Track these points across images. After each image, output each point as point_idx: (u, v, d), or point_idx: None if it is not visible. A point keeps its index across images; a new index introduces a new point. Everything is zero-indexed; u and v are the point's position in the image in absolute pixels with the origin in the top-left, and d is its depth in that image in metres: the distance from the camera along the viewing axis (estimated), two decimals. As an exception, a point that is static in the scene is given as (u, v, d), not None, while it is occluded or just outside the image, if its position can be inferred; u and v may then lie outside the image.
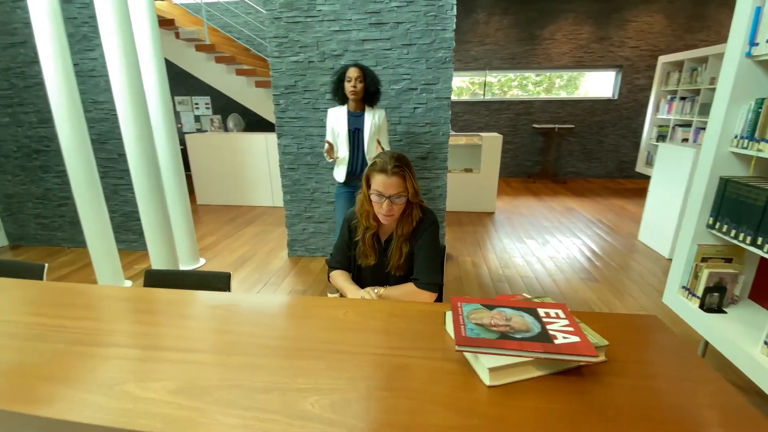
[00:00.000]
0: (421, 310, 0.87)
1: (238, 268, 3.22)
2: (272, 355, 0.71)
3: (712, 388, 0.62)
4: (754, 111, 1.62)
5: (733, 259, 1.88)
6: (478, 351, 0.62)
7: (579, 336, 0.65)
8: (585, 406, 0.58)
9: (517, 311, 0.73)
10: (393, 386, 0.62)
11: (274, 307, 0.96)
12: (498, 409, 0.58)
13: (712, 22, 5.70)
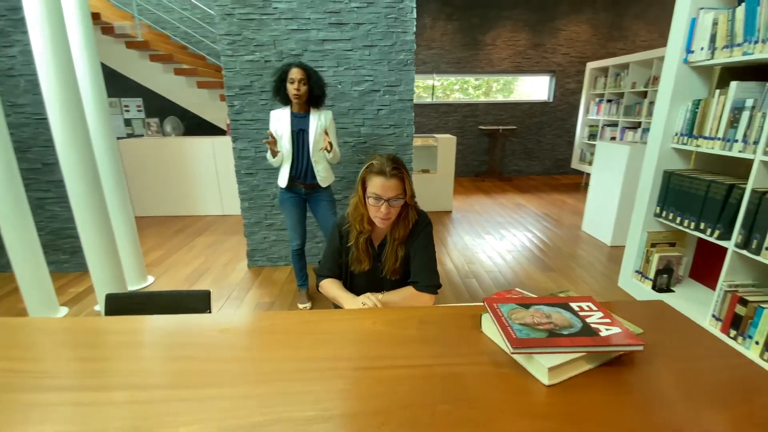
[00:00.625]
0: (449, 315, 0.84)
1: (193, 283, 2.96)
2: (309, 379, 0.64)
3: (736, 362, 0.67)
4: (692, 111, 1.82)
5: (677, 243, 2.11)
6: (535, 351, 0.62)
7: (619, 326, 0.67)
8: (640, 392, 0.60)
9: (552, 308, 0.74)
10: (452, 398, 0.59)
11: (284, 326, 0.85)
12: (563, 407, 0.57)
13: (629, 32, 6.40)
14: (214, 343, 0.78)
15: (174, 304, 1.31)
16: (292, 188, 2.34)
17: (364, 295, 1.24)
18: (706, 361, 0.68)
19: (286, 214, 2.43)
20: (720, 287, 1.68)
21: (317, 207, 2.45)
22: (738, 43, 1.57)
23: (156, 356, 0.76)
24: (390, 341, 0.74)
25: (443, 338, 0.75)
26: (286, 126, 2.22)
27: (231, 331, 0.85)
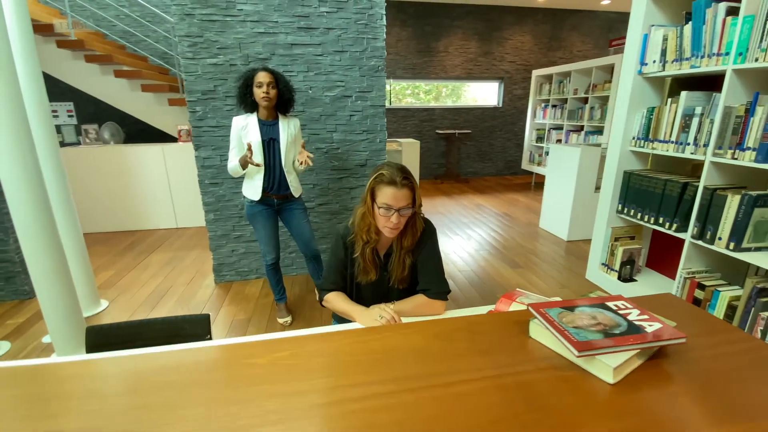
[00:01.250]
0: (495, 323, 0.85)
1: (154, 305, 2.72)
2: (387, 407, 0.60)
3: (750, 345, 0.75)
4: (647, 117, 2.02)
5: (635, 237, 2.33)
6: (599, 353, 0.64)
7: (658, 322, 0.73)
8: (688, 381, 0.65)
9: (594, 309, 0.77)
10: (533, 407, 0.60)
11: (325, 349, 0.77)
12: (633, 403, 0.60)
13: (567, 42, 6.95)
14: (251, 376, 0.71)
15: (167, 332, 1.20)
16: (264, 200, 2.22)
17: (378, 308, 1.21)
18: (727, 346, 0.75)
19: (258, 228, 2.30)
20: (680, 274, 1.88)
21: (291, 218, 2.37)
22: (686, 57, 1.78)
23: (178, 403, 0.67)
24: (448, 355, 0.73)
25: (497, 347, 0.75)
26: (256, 135, 2.09)
27: (264, 361, 0.77)
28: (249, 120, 2.11)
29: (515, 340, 0.77)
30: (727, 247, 1.65)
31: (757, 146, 1.50)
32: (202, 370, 0.73)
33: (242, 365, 0.73)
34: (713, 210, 1.70)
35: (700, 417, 0.58)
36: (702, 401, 0.61)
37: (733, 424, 0.57)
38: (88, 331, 1.14)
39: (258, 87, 2.01)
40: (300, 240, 2.43)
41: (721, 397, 0.62)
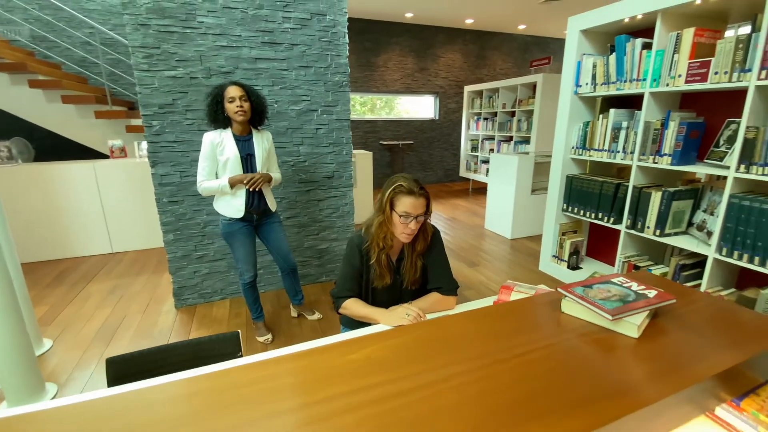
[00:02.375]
0: (528, 305, 1.01)
1: (110, 339, 2.46)
2: (476, 380, 0.70)
3: (708, 301, 1.01)
4: (583, 130, 2.40)
5: (577, 231, 2.72)
6: (626, 315, 0.83)
7: (654, 289, 0.94)
8: (683, 330, 0.86)
9: (605, 285, 0.97)
10: (583, 365, 0.75)
11: (381, 351, 0.83)
12: (655, 350, 0.79)
13: (490, 61, 7.70)
14: (345, 372, 0.76)
15: (195, 355, 1.16)
16: (244, 217, 2.18)
17: (402, 307, 1.31)
18: (695, 304, 1.00)
19: (238, 246, 2.23)
20: (619, 259, 2.26)
21: (269, 232, 2.35)
22: (612, 81, 2.18)
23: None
24: (501, 333, 0.86)
25: (540, 323, 0.91)
26: (234, 151, 2.05)
27: (342, 362, 0.82)
28: (224, 136, 2.07)
29: (552, 316, 0.94)
30: (654, 234, 2.04)
31: (672, 152, 1.91)
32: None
33: (268, 383, 0.75)
34: (641, 204, 2.09)
35: (703, 352, 0.78)
36: (699, 341, 0.82)
37: (728, 351, 0.78)
38: (108, 363, 1.07)
39: (230, 102, 1.98)
40: (278, 254, 2.41)
41: (710, 336, 0.84)
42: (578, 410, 0.63)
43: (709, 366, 0.75)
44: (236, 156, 2.08)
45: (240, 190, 2.12)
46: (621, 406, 0.64)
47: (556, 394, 0.67)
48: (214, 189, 2.07)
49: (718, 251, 1.75)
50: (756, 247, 1.60)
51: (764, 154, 1.56)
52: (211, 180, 2.10)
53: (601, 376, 0.72)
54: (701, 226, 1.94)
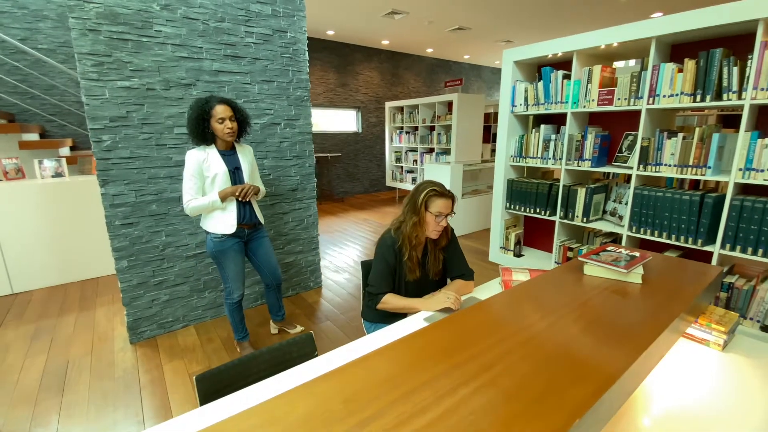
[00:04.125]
0: (556, 275, 1.31)
1: (62, 387, 2.12)
2: (550, 334, 0.95)
3: (660, 258, 1.45)
4: (519, 142, 2.93)
5: (516, 224, 3.25)
6: (634, 268, 1.19)
7: (635, 252, 1.34)
8: (661, 273, 1.26)
9: (608, 252, 1.34)
10: (626, 306, 1.08)
11: (454, 327, 0.98)
12: (654, 289, 1.15)
13: (404, 79, 8.35)
14: (435, 352, 0.91)
15: (276, 361, 1.20)
16: (236, 233, 2.13)
17: (441, 293, 1.52)
18: (657, 259, 1.43)
19: (228, 264, 2.16)
20: (556, 244, 2.81)
21: (259, 246, 2.33)
22: (541, 102, 2.73)
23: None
24: (551, 295, 1.14)
25: (574, 284, 1.21)
26: (221, 166, 2.03)
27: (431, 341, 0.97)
28: (209, 152, 2.03)
29: (577, 278, 1.26)
30: (581, 221, 2.61)
31: (591, 158, 2.50)
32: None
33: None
34: (570, 199, 2.66)
35: (676, 289, 1.18)
36: (672, 283, 1.22)
37: (690, 287, 1.18)
38: (198, 380, 1.05)
39: (219, 123, 1.97)
40: (267, 268, 2.38)
41: (676, 280, 1.25)
42: (624, 340, 0.92)
43: (683, 299, 1.13)
44: (224, 171, 2.05)
45: (231, 204, 2.08)
46: (651, 331, 0.95)
47: (607, 328, 0.96)
48: (204, 206, 2.01)
49: (629, 230, 2.37)
50: (654, 224, 2.23)
51: (654, 156, 2.19)
52: (199, 197, 2.02)
53: (629, 313, 1.03)
54: (613, 213, 2.57)
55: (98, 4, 2.14)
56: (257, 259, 2.35)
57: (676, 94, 2.05)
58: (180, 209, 2.59)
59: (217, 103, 1.98)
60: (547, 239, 3.05)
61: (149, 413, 1.92)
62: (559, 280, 1.27)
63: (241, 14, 2.62)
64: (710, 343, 1.23)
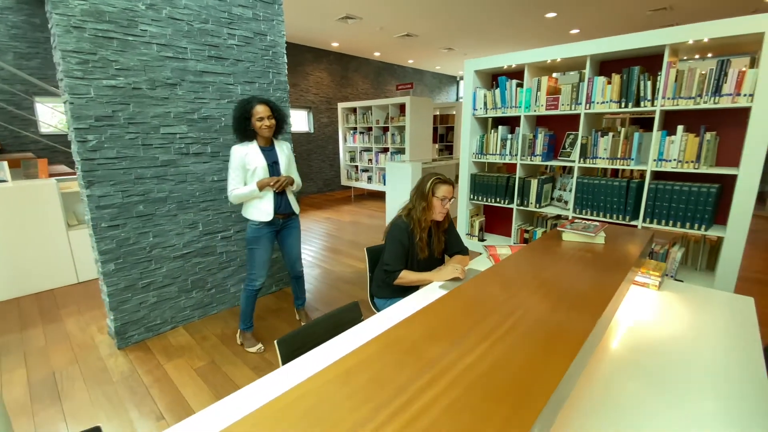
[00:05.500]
0: (542, 242, 1.67)
1: (58, 395, 2.04)
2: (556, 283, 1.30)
3: (611, 227, 1.90)
4: (480, 141, 3.35)
5: (479, 213, 3.69)
6: (600, 232, 1.59)
7: (595, 222, 1.75)
8: (616, 236, 1.68)
9: (576, 222, 1.73)
10: (589, 262, 1.45)
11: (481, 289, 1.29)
12: (614, 246, 1.57)
13: (353, 81, 8.57)
14: (459, 316, 1.22)
15: (332, 325, 1.40)
16: (271, 222, 2.32)
17: (449, 265, 1.81)
18: (608, 227, 1.87)
19: (259, 250, 2.34)
20: (514, 228, 3.27)
21: (288, 235, 2.50)
22: (499, 107, 3.16)
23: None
24: (545, 255, 1.49)
25: (558, 248, 1.58)
26: (261, 160, 2.23)
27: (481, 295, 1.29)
28: (249, 148, 2.23)
29: (559, 244, 1.63)
30: (534, 207, 3.09)
31: (541, 154, 2.97)
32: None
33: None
34: (525, 189, 3.12)
35: (625, 249, 1.60)
36: (622, 244, 1.65)
37: (633, 246, 1.61)
38: (279, 343, 1.22)
39: (259, 121, 2.16)
40: (288, 258, 2.55)
41: (624, 241, 1.68)
42: (602, 281, 1.31)
43: (634, 253, 1.55)
44: (264, 165, 2.23)
45: (268, 194, 2.26)
46: (617, 276, 1.34)
47: (587, 276, 1.34)
48: (245, 194, 2.22)
49: (574, 212, 2.88)
50: (593, 206, 2.75)
51: (591, 151, 2.71)
52: (241, 187, 2.22)
53: (599, 265, 1.41)
54: (559, 199, 3.09)
55: (83, 1, 2.09)
56: (284, 248, 2.53)
57: (606, 101, 2.58)
58: (167, 209, 2.58)
59: (257, 104, 2.18)
60: (505, 224, 3.52)
61: (166, 409, 1.96)
62: (546, 246, 1.64)
63: (224, 16, 2.68)
64: (650, 285, 1.68)
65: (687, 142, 2.29)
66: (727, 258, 2.20)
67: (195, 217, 2.72)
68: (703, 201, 2.26)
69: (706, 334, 1.33)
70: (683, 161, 2.32)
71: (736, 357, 1.19)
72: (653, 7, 5.37)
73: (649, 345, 1.27)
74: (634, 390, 1.05)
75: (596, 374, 1.12)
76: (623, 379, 1.10)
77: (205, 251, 2.81)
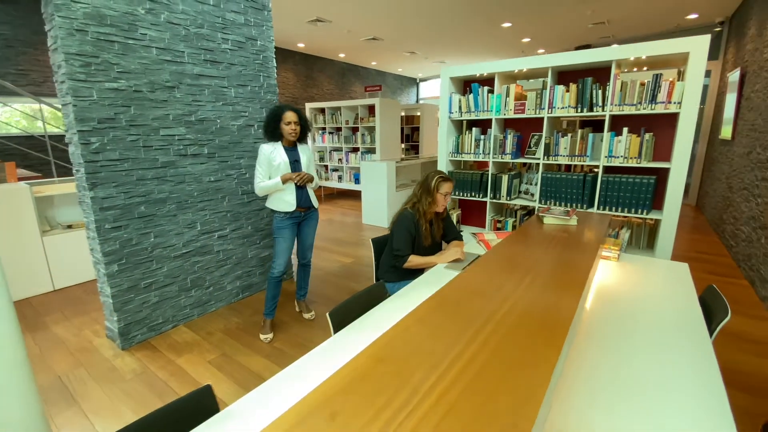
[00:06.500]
0: (525, 228, 1.99)
1: (70, 397, 2.07)
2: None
3: (579, 213, 2.29)
4: (455, 141, 3.68)
5: (455, 207, 4.03)
6: (572, 217, 1.95)
7: (568, 209, 2.11)
8: (586, 218, 2.07)
9: (555, 209, 2.08)
10: (565, 241, 1.80)
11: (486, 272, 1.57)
12: (585, 227, 1.94)
13: (318, 81, 8.67)
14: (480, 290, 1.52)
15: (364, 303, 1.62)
16: (292, 214, 2.54)
17: (451, 249, 2.09)
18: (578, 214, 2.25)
19: (283, 239, 2.56)
20: (488, 219, 3.64)
21: (308, 225, 2.72)
22: (473, 110, 3.50)
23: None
24: (535, 236, 1.82)
25: (539, 231, 1.91)
26: (285, 158, 2.47)
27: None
28: (276, 147, 2.48)
29: (540, 227, 1.97)
30: (505, 200, 3.47)
31: (510, 152, 3.36)
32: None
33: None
34: (496, 184, 3.50)
35: (591, 228, 1.97)
36: (590, 225, 2.02)
37: (598, 228, 1.99)
38: (331, 314, 1.43)
39: (287, 124, 2.43)
40: (303, 245, 2.75)
41: (593, 224, 2.06)
42: (584, 254, 1.66)
43: (599, 232, 1.93)
44: (287, 161, 2.47)
45: (290, 188, 2.49)
46: (594, 250, 1.70)
47: (568, 251, 1.69)
48: (270, 187, 2.47)
49: (539, 202, 3.29)
50: (556, 197, 3.18)
51: (554, 150, 3.14)
52: (266, 180, 2.46)
53: (575, 243, 1.77)
54: (526, 192, 3.50)
55: (85, 4, 2.12)
56: (300, 236, 2.72)
57: (565, 106, 3.00)
58: (167, 210, 2.63)
59: (288, 110, 2.47)
60: (479, 216, 3.89)
61: (190, 397, 2.05)
62: (532, 228, 1.97)
63: (218, 21, 2.77)
64: (611, 258, 2.07)
65: (631, 141, 2.76)
66: (663, 237, 2.69)
67: (193, 216, 2.78)
68: (644, 190, 2.74)
69: (657, 289, 1.73)
70: (628, 157, 2.79)
71: (681, 304, 1.58)
72: (593, 20, 6.07)
73: (616, 300, 1.63)
74: (608, 333, 1.39)
75: (580, 328, 1.45)
76: (601, 325, 1.44)
77: (203, 250, 2.88)
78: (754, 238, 3.45)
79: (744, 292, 3.27)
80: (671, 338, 1.32)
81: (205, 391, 1.04)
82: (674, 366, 1.16)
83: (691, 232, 5.02)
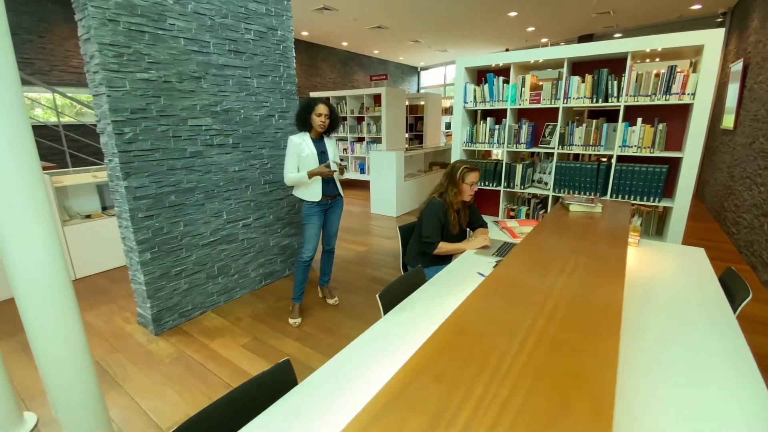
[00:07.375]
0: (553, 215, 2.08)
1: (112, 382, 2.15)
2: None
3: (608, 201, 2.39)
4: (470, 131, 3.75)
5: (467, 196, 4.11)
6: (596, 203, 2.04)
7: (591, 196, 2.20)
8: (612, 206, 2.16)
9: (577, 196, 2.17)
10: (590, 227, 1.90)
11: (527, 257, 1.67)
12: (611, 213, 2.03)
13: (320, 70, 8.62)
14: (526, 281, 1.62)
15: (407, 285, 1.71)
16: (320, 202, 2.62)
17: (482, 237, 2.18)
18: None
19: (311, 225, 2.65)
20: (502, 208, 3.73)
21: (333, 213, 2.80)
22: (488, 100, 3.56)
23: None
24: (565, 224, 1.91)
25: (568, 217, 2.00)
26: (312, 149, 2.55)
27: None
28: (304, 138, 2.55)
29: (567, 214, 2.06)
30: (519, 189, 3.56)
31: (525, 142, 3.43)
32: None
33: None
34: (511, 173, 3.58)
35: (618, 211, 2.07)
36: (613, 213, 2.12)
37: (621, 215, 2.09)
38: (380, 296, 1.51)
39: (318, 116, 2.49)
40: (328, 232, 2.84)
41: (614, 210, 2.15)
42: (611, 240, 1.75)
43: (624, 218, 2.02)
44: (314, 153, 2.54)
45: (316, 179, 2.57)
46: (623, 240, 1.80)
47: (601, 239, 1.78)
48: (298, 178, 2.55)
49: (553, 191, 3.39)
50: (570, 186, 3.27)
51: (568, 140, 3.22)
52: (295, 172, 2.54)
53: (604, 230, 1.87)
54: (540, 181, 3.59)
55: (118, -6, 2.13)
56: (326, 223, 2.80)
57: (580, 97, 3.08)
58: (195, 199, 2.68)
59: (320, 103, 2.51)
60: (493, 205, 3.98)
61: (230, 378, 2.14)
62: (560, 215, 2.06)
63: (242, 12, 2.78)
64: (632, 244, 2.17)
65: (644, 131, 2.85)
66: (674, 223, 2.80)
67: (219, 206, 2.83)
68: (657, 179, 2.84)
69: (679, 273, 1.83)
70: (642, 147, 2.88)
71: (703, 286, 1.68)
72: (599, 10, 6.11)
73: (641, 284, 1.74)
74: (638, 316, 1.49)
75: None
76: (629, 307, 1.54)
77: (229, 239, 2.94)
78: (756, 225, 3.59)
79: (746, 276, 3.41)
80: (699, 319, 1.43)
81: (284, 365, 1.12)
82: (708, 347, 1.26)
83: (691, 220, 5.16)
